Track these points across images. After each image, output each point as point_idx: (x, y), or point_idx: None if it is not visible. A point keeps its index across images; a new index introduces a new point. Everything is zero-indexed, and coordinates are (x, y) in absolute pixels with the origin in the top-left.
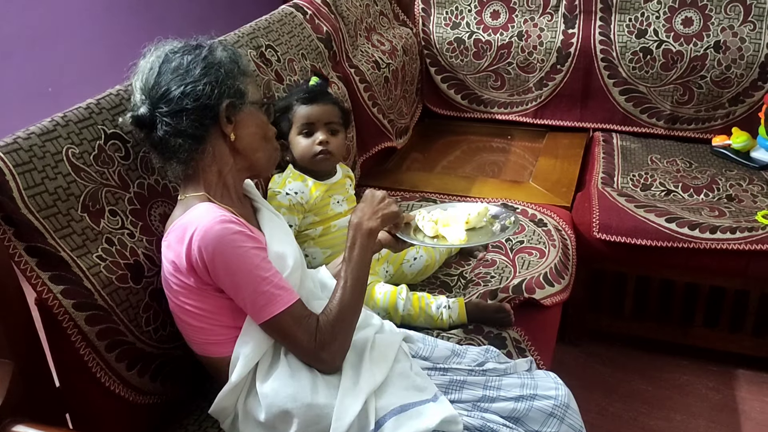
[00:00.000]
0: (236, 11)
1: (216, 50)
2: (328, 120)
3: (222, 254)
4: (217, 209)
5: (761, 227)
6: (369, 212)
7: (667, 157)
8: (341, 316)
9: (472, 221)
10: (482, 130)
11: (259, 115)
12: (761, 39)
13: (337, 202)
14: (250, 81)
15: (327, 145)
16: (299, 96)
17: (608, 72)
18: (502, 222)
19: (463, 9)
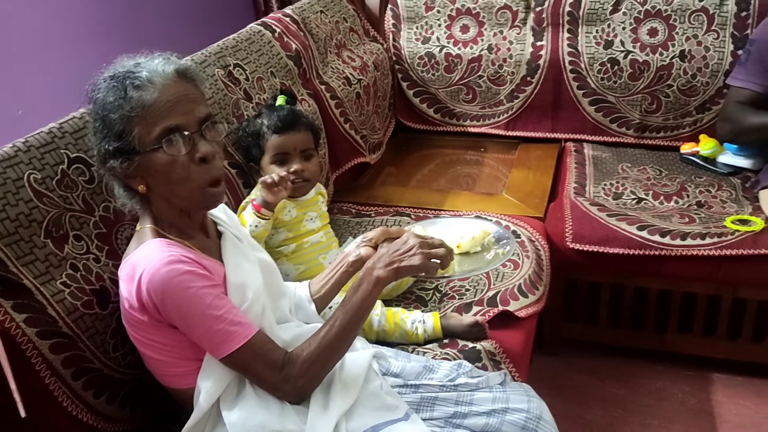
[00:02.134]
0: (211, 31)
1: (100, 88)
2: (302, 148)
3: (171, 297)
4: (166, 248)
5: (730, 233)
6: (386, 260)
7: (637, 166)
8: (318, 356)
9: (464, 246)
10: (456, 143)
11: (157, 160)
12: (725, 47)
13: (310, 219)
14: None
15: (303, 174)
16: (271, 123)
17: (577, 83)
18: (498, 250)
19: (433, 24)
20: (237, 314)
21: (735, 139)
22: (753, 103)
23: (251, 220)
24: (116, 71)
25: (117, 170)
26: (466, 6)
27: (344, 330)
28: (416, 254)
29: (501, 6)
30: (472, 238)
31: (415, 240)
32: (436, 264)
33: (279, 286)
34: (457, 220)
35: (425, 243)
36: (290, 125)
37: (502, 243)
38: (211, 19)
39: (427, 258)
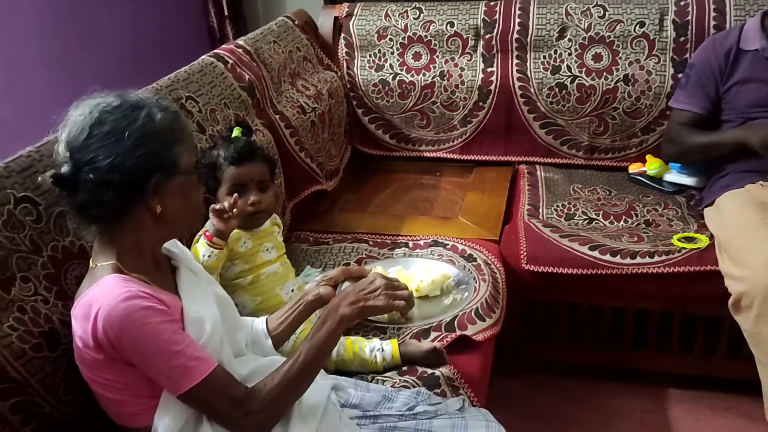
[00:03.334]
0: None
1: (155, 115)
2: (258, 179)
3: (128, 333)
4: (124, 283)
5: (677, 250)
6: (351, 299)
7: (588, 186)
8: (279, 392)
9: (423, 289)
10: (412, 168)
11: (189, 183)
12: (665, 71)
13: (266, 250)
14: (186, 147)
15: (259, 206)
16: (228, 155)
17: (528, 107)
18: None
19: (386, 51)
20: (196, 349)
21: (680, 159)
22: (695, 124)
23: (204, 251)
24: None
25: (148, 187)
26: (418, 34)
27: (307, 366)
28: (382, 295)
29: (451, 34)
30: (431, 282)
31: (381, 281)
32: (400, 305)
33: (235, 320)
34: (419, 260)
35: (391, 285)
36: (247, 156)
37: (461, 288)
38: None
39: (391, 299)
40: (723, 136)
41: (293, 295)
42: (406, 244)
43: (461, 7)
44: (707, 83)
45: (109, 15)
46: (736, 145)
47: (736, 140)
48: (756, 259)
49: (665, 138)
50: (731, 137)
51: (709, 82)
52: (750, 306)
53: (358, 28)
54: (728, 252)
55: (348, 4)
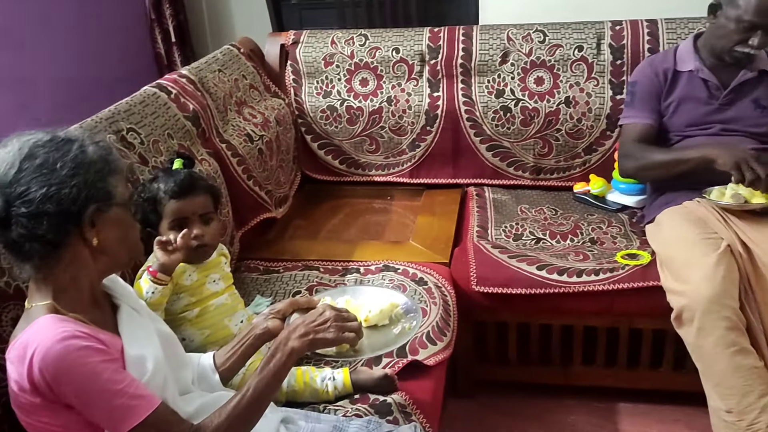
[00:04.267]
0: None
1: (87, 147)
2: (201, 212)
3: (66, 374)
4: (60, 323)
5: (621, 267)
6: (301, 331)
7: (535, 207)
8: (228, 427)
9: (372, 319)
10: (363, 193)
11: (126, 215)
12: (604, 93)
13: (213, 281)
14: (119, 179)
15: (203, 239)
16: (168, 188)
17: (474, 130)
18: (405, 324)
19: (333, 78)
20: (138, 387)
21: (638, 174)
22: (648, 137)
23: (147, 287)
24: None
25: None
26: (364, 60)
27: (256, 400)
28: (332, 327)
29: (397, 60)
30: (380, 311)
31: (330, 312)
32: (350, 336)
33: (180, 357)
34: (367, 289)
35: (340, 316)
36: (188, 189)
37: (410, 316)
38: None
39: (341, 331)
40: (687, 152)
41: (242, 326)
42: (358, 270)
43: (406, 34)
44: (652, 97)
45: (51, 43)
46: (701, 162)
47: (702, 157)
48: (695, 273)
49: (622, 154)
50: (697, 154)
51: (654, 97)
52: (691, 320)
53: (305, 55)
54: (669, 267)
55: (294, 32)
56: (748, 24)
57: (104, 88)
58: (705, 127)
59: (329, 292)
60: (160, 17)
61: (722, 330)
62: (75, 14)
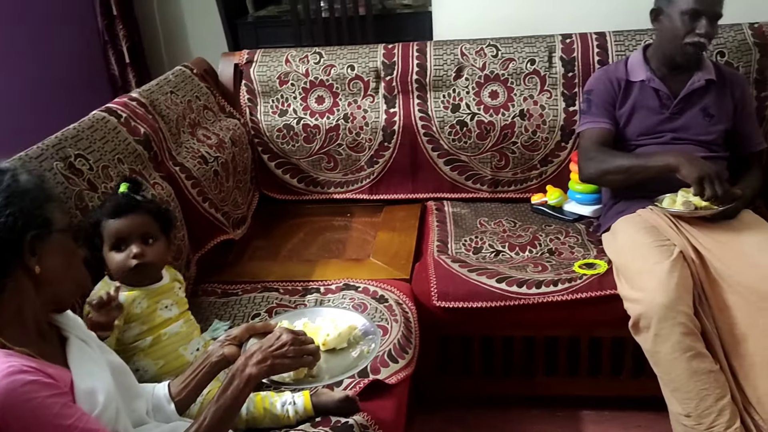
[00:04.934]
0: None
1: (20, 176)
2: (141, 231)
3: (13, 411)
4: (5, 358)
5: (579, 277)
6: (259, 357)
7: (494, 219)
8: None
9: (330, 342)
10: (322, 211)
11: (67, 242)
12: (558, 105)
13: (165, 308)
14: (56, 206)
15: (143, 258)
16: (107, 210)
17: (431, 145)
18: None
19: (289, 97)
20: (89, 421)
21: (600, 179)
22: (607, 141)
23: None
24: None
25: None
26: (320, 78)
27: (213, 429)
28: (289, 351)
29: (353, 77)
30: (338, 335)
31: (288, 336)
32: (309, 360)
33: (133, 388)
34: (325, 310)
35: (297, 339)
36: (125, 209)
37: (369, 338)
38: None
39: (300, 354)
40: (651, 159)
41: (199, 354)
42: (318, 290)
43: (360, 51)
44: (608, 104)
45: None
46: (663, 170)
47: (666, 165)
48: (650, 281)
49: (583, 158)
50: (661, 161)
51: (610, 104)
52: (648, 327)
53: (259, 74)
54: (625, 275)
55: (248, 51)
56: (692, 12)
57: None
58: (657, 136)
59: (286, 315)
60: (114, 39)
61: (678, 336)
62: (26, 38)
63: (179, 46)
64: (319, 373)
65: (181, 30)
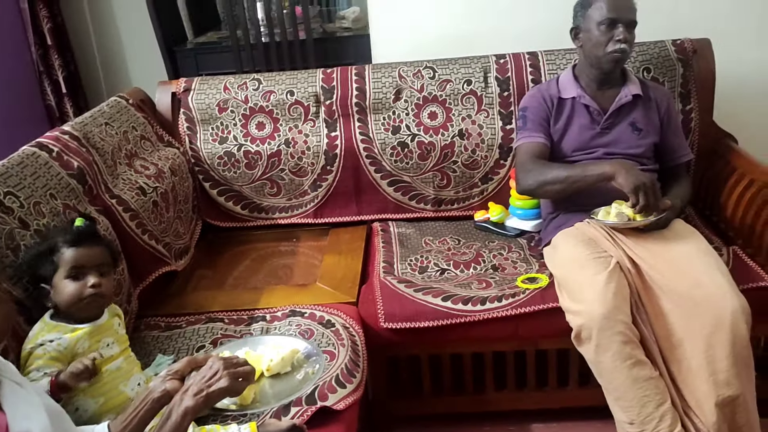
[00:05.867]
0: None
1: None
2: (98, 263)
3: None
4: None
5: (522, 291)
6: (194, 389)
7: (438, 238)
8: None
9: (274, 368)
10: (268, 237)
11: None
12: (495, 124)
13: (106, 345)
14: None
15: (99, 288)
16: (66, 237)
17: (374, 167)
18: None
19: (228, 123)
20: None
21: (537, 190)
22: (544, 155)
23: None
24: None
25: None
26: (259, 104)
27: None
28: (223, 377)
29: (292, 102)
30: (281, 359)
31: (219, 363)
32: (245, 384)
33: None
34: (266, 338)
35: (229, 363)
36: (88, 239)
37: (312, 360)
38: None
39: (234, 378)
40: (588, 168)
41: (140, 390)
42: (264, 318)
43: (299, 76)
44: (543, 120)
45: None
46: (600, 179)
47: (602, 173)
48: (590, 293)
49: (521, 171)
50: (598, 170)
51: (544, 120)
52: (590, 338)
53: (198, 102)
54: (566, 288)
55: (185, 79)
56: (608, 21)
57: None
58: (590, 151)
59: (228, 345)
60: (49, 69)
61: (618, 345)
62: None
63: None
64: (265, 398)
65: (120, 59)
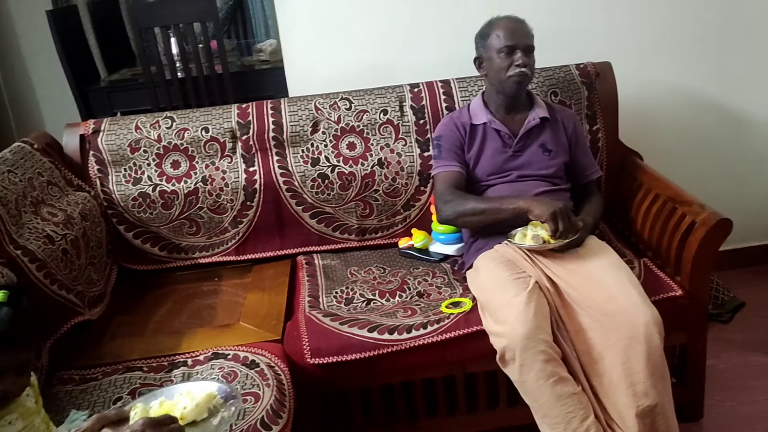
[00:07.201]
0: None
1: None
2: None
3: None
4: None
5: (446, 317)
6: None
7: (363, 267)
8: None
9: (188, 415)
10: (189, 277)
11: None
12: (413, 151)
13: (8, 423)
14: None
15: (12, 394)
16: None
17: (295, 200)
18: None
19: (142, 164)
20: None
21: (457, 220)
22: (460, 183)
23: None
24: None
25: None
26: (173, 143)
27: None
28: None
29: (208, 139)
30: (196, 406)
31: (140, 426)
32: None
33: None
34: (181, 385)
35: (153, 422)
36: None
37: (230, 403)
38: None
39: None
40: (504, 203)
41: None
42: (185, 363)
43: (214, 112)
44: (457, 148)
45: None
46: (516, 212)
47: (517, 207)
48: (510, 313)
49: (440, 201)
50: (513, 204)
51: (458, 148)
52: (513, 358)
53: (108, 144)
54: (488, 310)
55: (93, 121)
56: (506, 49)
57: None
58: (504, 174)
59: (142, 398)
60: None
61: (540, 363)
62: None
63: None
64: None
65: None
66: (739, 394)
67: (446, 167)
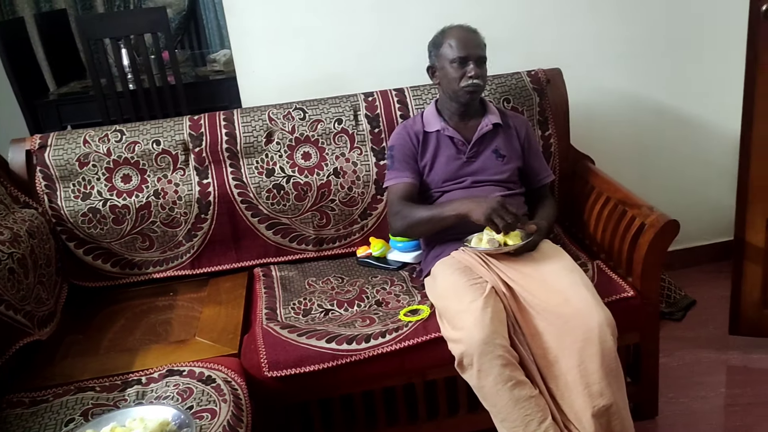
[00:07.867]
0: None
1: None
2: None
3: None
4: None
5: (405, 325)
6: None
7: (321, 278)
8: None
9: None
10: (143, 293)
11: None
12: (368, 160)
13: None
14: None
15: None
16: None
17: (250, 212)
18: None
19: (91, 178)
20: None
21: (407, 232)
22: (412, 194)
23: None
24: None
25: None
26: (123, 156)
27: None
28: None
29: (159, 152)
30: None
31: None
32: None
33: None
34: (134, 410)
35: None
36: None
37: (185, 430)
38: None
39: None
40: (444, 210)
41: None
42: (139, 381)
43: (165, 125)
44: (409, 158)
45: None
46: (458, 218)
47: (458, 214)
48: (467, 319)
49: (391, 213)
50: (453, 211)
51: (411, 157)
52: (471, 364)
53: (56, 159)
54: (446, 317)
55: (40, 136)
56: (459, 59)
57: None
58: (459, 181)
59: (92, 423)
60: None
61: (498, 368)
62: None
63: None
64: None
65: None
66: (692, 390)
67: (398, 179)
